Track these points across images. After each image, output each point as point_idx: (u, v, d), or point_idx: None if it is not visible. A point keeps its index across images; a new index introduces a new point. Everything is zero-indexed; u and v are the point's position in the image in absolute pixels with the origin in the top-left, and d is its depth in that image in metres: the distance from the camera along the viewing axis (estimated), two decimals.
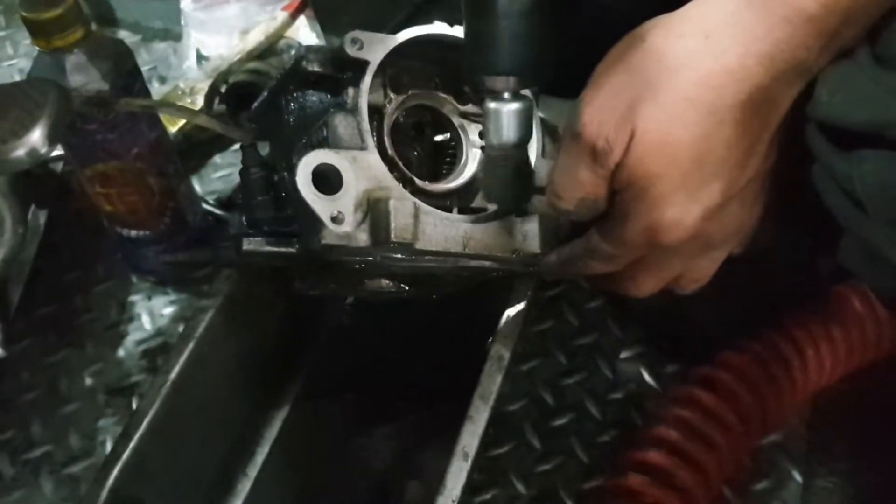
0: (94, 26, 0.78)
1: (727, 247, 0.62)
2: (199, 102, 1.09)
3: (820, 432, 0.82)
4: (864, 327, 0.79)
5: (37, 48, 0.76)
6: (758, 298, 0.81)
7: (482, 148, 0.69)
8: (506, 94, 0.58)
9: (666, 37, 0.55)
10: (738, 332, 0.81)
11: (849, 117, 0.51)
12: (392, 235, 0.60)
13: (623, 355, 0.88)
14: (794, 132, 0.57)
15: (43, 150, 0.53)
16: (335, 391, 0.86)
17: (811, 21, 0.51)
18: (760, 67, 0.52)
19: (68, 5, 0.73)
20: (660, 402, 0.80)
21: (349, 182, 0.60)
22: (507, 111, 0.58)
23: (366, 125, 0.63)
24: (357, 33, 0.63)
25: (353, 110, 0.63)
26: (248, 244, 0.65)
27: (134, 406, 0.87)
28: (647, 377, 0.86)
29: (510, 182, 0.61)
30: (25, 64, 1.26)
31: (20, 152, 0.53)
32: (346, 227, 0.59)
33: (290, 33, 1.14)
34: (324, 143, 0.63)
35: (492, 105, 0.58)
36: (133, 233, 0.90)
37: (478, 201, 0.70)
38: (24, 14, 0.73)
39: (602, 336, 0.90)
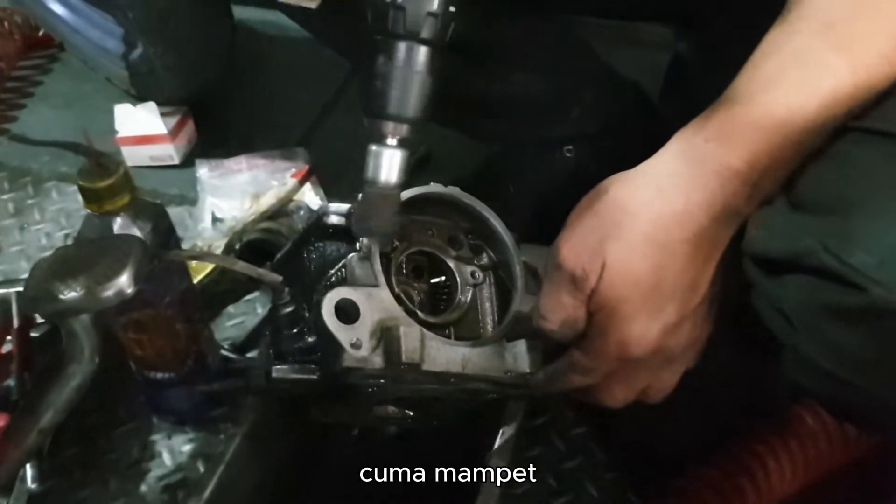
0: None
1: (685, 360, 0.73)
2: None
3: None
4: (817, 440, 0.89)
5: (62, 213, 0.87)
6: (722, 418, 0.92)
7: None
8: (389, 140, 0.65)
9: (626, 188, 0.69)
10: (708, 449, 0.90)
11: (771, 249, 0.64)
12: (403, 357, 0.70)
13: (607, 476, 0.97)
14: (735, 265, 0.69)
15: (129, 291, 0.65)
16: None
17: (738, 175, 0.65)
18: (700, 212, 0.66)
19: (119, 175, 0.86)
20: None
21: (365, 313, 0.71)
22: (386, 154, 0.65)
23: (378, 267, 0.74)
24: None
25: (368, 256, 0.75)
26: (277, 372, 0.74)
27: None
28: (630, 496, 0.94)
29: (381, 218, 0.68)
30: (51, 228, 1.36)
31: (110, 292, 0.65)
32: (364, 352, 0.70)
33: (297, 197, 1.28)
34: (343, 282, 0.74)
35: (373, 147, 0.65)
36: (158, 375, 0.99)
37: (473, 331, 0.80)
38: (82, 184, 0.85)
39: (586, 459, 0.98)
